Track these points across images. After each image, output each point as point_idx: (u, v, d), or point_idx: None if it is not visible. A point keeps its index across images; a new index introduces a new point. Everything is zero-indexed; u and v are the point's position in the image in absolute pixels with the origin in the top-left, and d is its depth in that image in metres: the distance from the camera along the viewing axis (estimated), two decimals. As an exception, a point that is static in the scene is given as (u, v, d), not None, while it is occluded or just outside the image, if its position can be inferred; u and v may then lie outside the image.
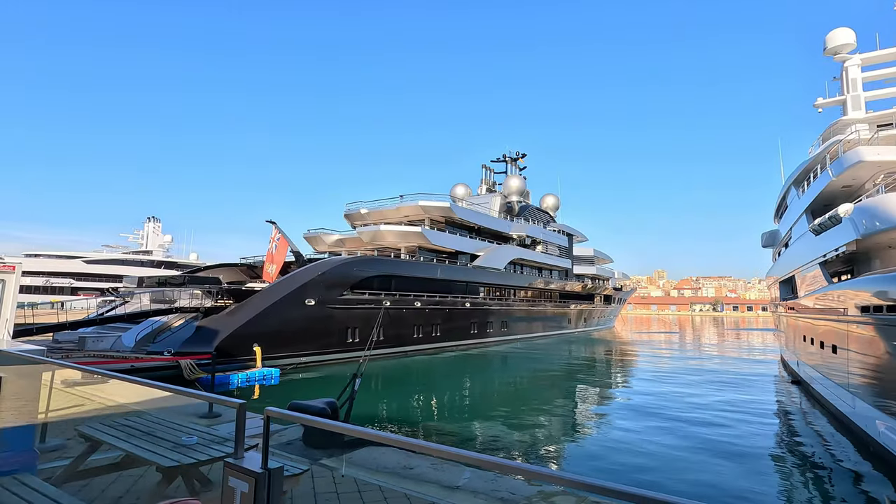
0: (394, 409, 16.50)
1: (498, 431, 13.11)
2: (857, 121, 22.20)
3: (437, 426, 13.79)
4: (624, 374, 25.70)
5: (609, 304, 65.63)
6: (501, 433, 12.95)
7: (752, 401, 18.23)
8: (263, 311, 22.24)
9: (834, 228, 14.41)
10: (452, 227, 38.38)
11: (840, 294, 11.96)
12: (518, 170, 56.35)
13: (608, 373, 26.44)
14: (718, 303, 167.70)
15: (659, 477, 9.62)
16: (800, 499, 8.97)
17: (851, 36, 23.07)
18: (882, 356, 10.15)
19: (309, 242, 39.20)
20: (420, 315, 30.71)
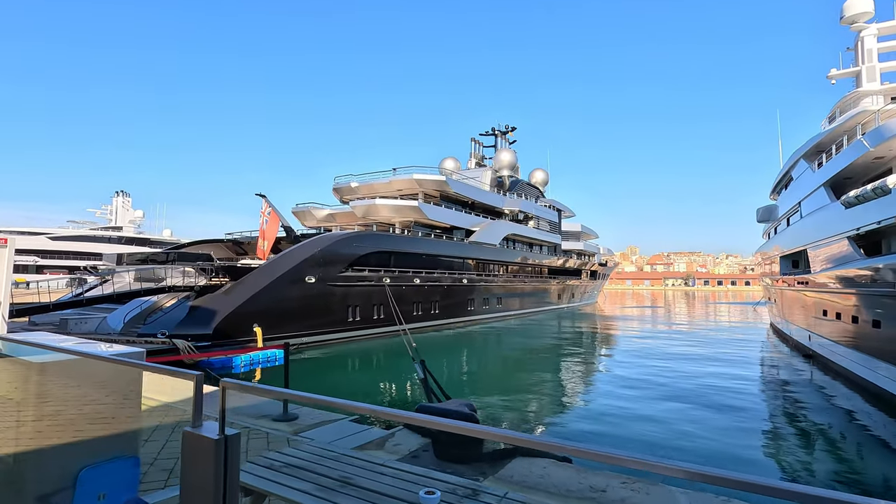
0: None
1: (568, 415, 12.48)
2: (872, 92, 21.91)
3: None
4: (634, 348, 25.43)
5: (594, 279, 66.05)
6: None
7: (772, 376, 18.16)
8: (263, 289, 20.87)
9: (876, 200, 13.96)
10: (447, 202, 37.22)
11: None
12: (508, 143, 55.15)
13: (625, 347, 26.19)
14: (690, 277, 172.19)
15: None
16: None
17: (870, 4, 22.56)
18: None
19: (297, 217, 37.46)
20: (419, 292, 29.75)
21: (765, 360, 22.54)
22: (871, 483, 8.56)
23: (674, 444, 9.93)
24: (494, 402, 13.68)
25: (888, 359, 12.65)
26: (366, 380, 17.53)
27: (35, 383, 2.76)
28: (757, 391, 15.71)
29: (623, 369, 19.03)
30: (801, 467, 9.13)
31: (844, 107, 22.56)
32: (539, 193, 53.88)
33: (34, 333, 5.01)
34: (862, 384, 14.60)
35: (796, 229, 24.12)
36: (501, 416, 12.31)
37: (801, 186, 24.16)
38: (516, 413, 12.76)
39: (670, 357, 21.86)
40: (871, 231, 15.77)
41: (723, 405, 13.20)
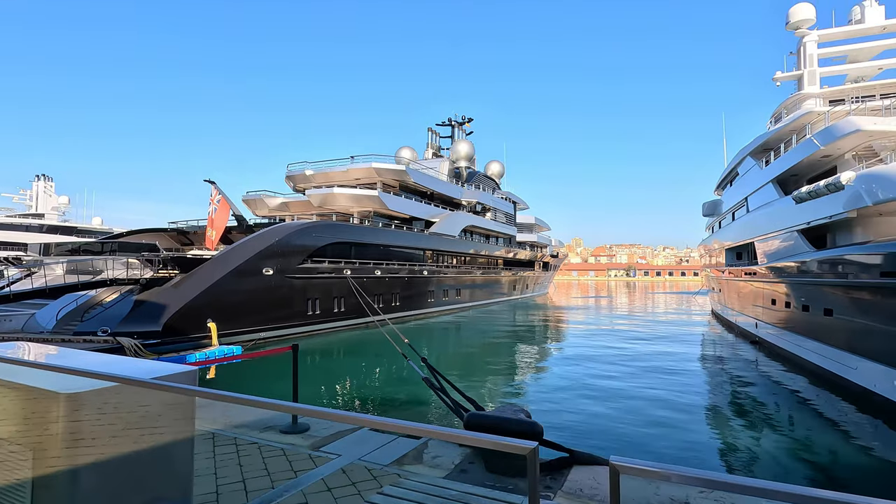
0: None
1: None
2: (813, 95, 23.34)
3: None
4: (590, 336, 26.02)
5: (546, 270, 67.54)
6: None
7: (722, 358, 19.09)
8: (217, 281, 19.49)
9: (828, 196, 14.82)
10: (406, 192, 36.54)
11: (854, 259, 12.21)
12: (465, 134, 54.97)
13: (582, 335, 26.72)
14: (631, 268, 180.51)
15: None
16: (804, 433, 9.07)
17: (812, 11, 23.99)
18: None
19: (248, 206, 35.49)
20: (380, 284, 29.05)
21: (714, 347, 23.69)
22: (816, 452, 9.03)
23: (641, 431, 10.19)
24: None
25: (838, 344, 13.49)
26: (340, 377, 16.76)
27: (64, 421, 2.10)
28: (712, 377, 16.42)
29: (583, 359, 19.39)
30: (755, 443, 9.59)
31: (788, 108, 23.94)
32: (495, 185, 54.17)
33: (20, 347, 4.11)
34: (810, 368, 15.57)
35: (743, 223, 25.47)
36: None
37: (748, 182, 25.51)
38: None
39: (625, 347, 22.58)
40: (817, 225, 16.83)
41: (678, 389, 13.92)
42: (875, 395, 11.68)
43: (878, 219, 14.69)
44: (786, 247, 18.36)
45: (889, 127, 14.19)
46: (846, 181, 13.68)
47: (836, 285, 13.12)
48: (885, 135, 14.54)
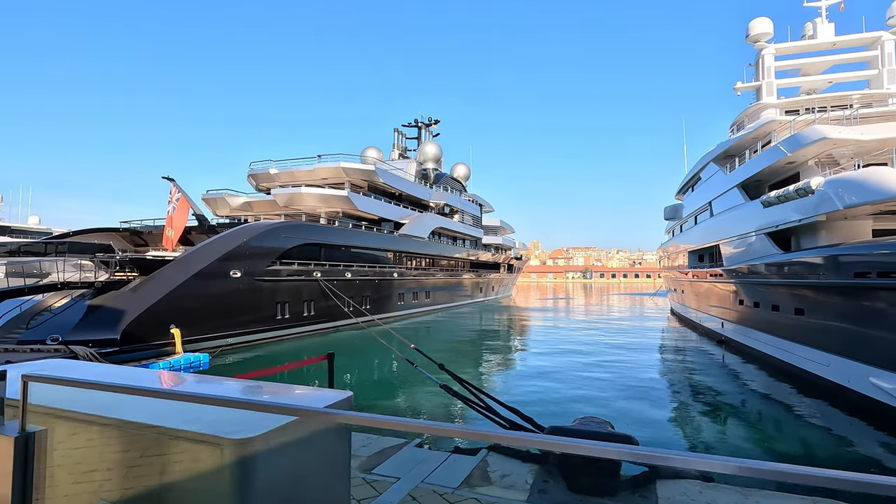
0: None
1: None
2: (771, 105, 24.54)
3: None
4: (559, 336, 26.24)
5: (510, 272, 68.17)
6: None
7: (691, 360, 19.65)
8: (181, 285, 18.27)
9: (797, 200, 15.49)
10: (375, 193, 35.82)
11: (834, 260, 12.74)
12: (431, 136, 54.67)
13: (552, 335, 26.89)
14: (588, 271, 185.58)
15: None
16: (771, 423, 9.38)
17: (770, 25, 25.24)
18: (880, 317, 10.98)
19: (208, 205, 33.74)
20: (350, 287, 28.24)
21: (679, 346, 24.39)
22: (794, 444, 9.31)
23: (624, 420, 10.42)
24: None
25: (810, 342, 14.08)
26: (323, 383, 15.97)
27: (232, 475, 1.57)
28: (683, 374, 16.84)
29: (554, 355, 19.54)
30: (726, 432, 9.84)
31: (749, 117, 25.06)
32: (462, 187, 54.16)
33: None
34: (781, 366, 16.21)
35: (707, 226, 26.44)
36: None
37: (711, 187, 26.51)
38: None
39: (595, 344, 22.99)
40: (784, 228, 17.60)
41: (647, 385, 14.58)
42: (848, 391, 12.21)
43: (843, 222, 15.48)
44: (753, 249, 19.11)
45: (852, 136, 15.00)
46: (816, 186, 14.32)
47: (811, 286, 13.68)
48: (848, 143, 15.37)
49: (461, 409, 10.21)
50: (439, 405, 11.82)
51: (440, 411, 11.31)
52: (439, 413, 11.22)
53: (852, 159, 16.95)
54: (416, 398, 13.08)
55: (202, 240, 25.94)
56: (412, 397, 13.27)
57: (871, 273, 11.17)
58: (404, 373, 15.74)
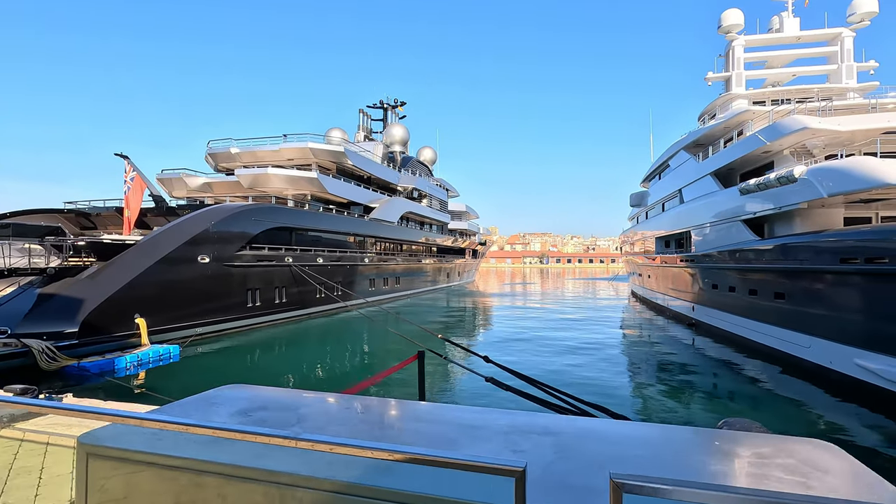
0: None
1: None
2: (741, 96, 25.30)
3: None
4: (532, 319, 26.41)
5: (475, 258, 68.38)
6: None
7: (666, 341, 20.20)
8: (145, 271, 16.84)
9: (777, 188, 15.97)
10: (344, 175, 34.58)
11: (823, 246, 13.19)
12: (397, 118, 53.41)
13: (524, 317, 26.98)
14: (545, 256, 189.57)
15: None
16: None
17: (741, 17, 25.92)
18: (867, 300, 11.47)
19: (163, 186, 31.44)
20: (322, 272, 27.21)
21: (652, 329, 25.09)
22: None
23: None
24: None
25: (793, 326, 14.63)
26: (315, 377, 15.14)
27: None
28: (665, 355, 17.27)
29: (533, 339, 19.62)
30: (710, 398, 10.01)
31: (721, 107, 25.75)
32: (429, 172, 53.43)
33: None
34: (759, 348, 16.83)
35: (677, 213, 27.15)
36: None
37: (682, 175, 27.18)
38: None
39: (569, 327, 23.26)
40: (760, 216, 18.20)
41: (632, 365, 14.78)
42: (831, 372, 12.77)
43: (817, 210, 16.15)
44: (728, 236, 19.71)
45: (830, 126, 15.58)
46: (799, 175, 14.77)
47: (795, 271, 14.16)
48: (824, 133, 15.96)
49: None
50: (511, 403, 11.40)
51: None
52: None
53: (824, 149, 17.66)
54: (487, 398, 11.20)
55: (160, 222, 24.23)
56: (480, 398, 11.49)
57: (858, 258, 11.62)
58: (434, 367, 14.32)
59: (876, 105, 16.88)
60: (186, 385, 13.22)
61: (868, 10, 24.19)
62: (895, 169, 11.85)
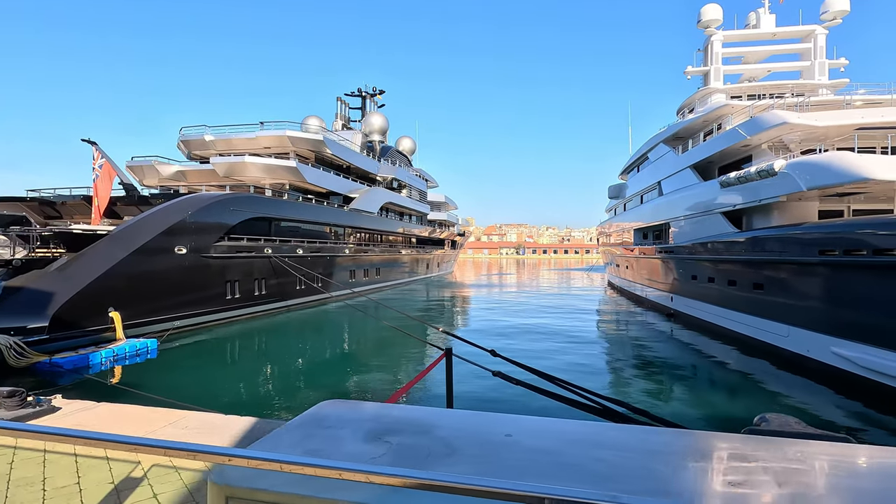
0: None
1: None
2: (719, 90, 25.77)
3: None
4: (520, 306, 26.57)
5: (454, 248, 68.38)
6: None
7: (650, 333, 20.61)
8: (119, 263, 16.14)
9: (757, 182, 16.35)
10: (323, 165, 33.92)
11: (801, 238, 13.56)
12: (376, 106, 52.60)
13: (509, 308, 27.10)
14: (521, 247, 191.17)
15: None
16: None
17: (720, 12, 26.32)
18: (854, 291, 11.86)
19: (133, 174, 30.20)
20: (303, 263, 26.69)
21: (631, 319, 25.56)
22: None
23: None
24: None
25: (771, 316, 15.07)
26: (306, 371, 14.79)
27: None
28: (649, 346, 17.62)
29: (519, 328, 19.78)
30: (698, 397, 10.35)
31: (700, 101, 26.19)
32: (408, 162, 52.95)
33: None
34: (738, 337, 17.28)
35: (656, 205, 27.62)
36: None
37: (661, 168, 27.61)
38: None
39: (552, 316, 23.51)
40: (738, 208, 18.63)
41: (615, 355, 15.08)
42: (809, 360, 13.22)
43: (793, 203, 16.60)
44: (708, 228, 20.13)
45: (808, 122, 15.98)
46: (779, 168, 15.14)
47: (775, 262, 14.55)
48: (802, 128, 16.38)
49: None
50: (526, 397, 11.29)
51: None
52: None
53: (800, 144, 18.14)
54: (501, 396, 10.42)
55: (132, 212, 23.32)
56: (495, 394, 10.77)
57: (837, 250, 12.00)
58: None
59: (850, 102, 17.41)
60: (169, 380, 12.78)
61: (840, 8, 24.88)
62: (873, 164, 12.26)
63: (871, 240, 10.72)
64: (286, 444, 1.72)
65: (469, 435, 1.80)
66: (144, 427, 3.93)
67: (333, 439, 1.75)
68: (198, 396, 10.65)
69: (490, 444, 1.72)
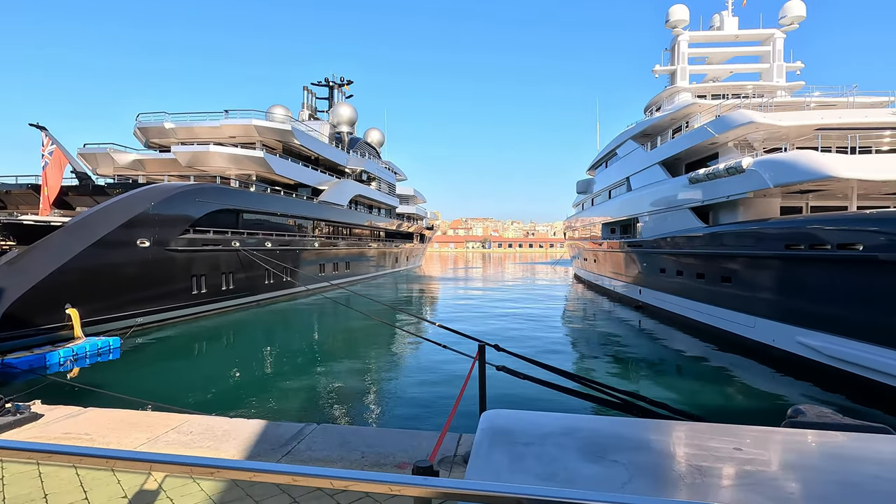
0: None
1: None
2: (685, 89, 26.56)
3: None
4: (493, 298, 26.71)
5: (423, 242, 68.13)
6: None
7: (618, 323, 21.14)
8: (77, 256, 15.17)
9: (726, 178, 16.95)
10: (291, 156, 32.97)
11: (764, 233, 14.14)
12: (344, 97, 51.54)
13: (481, 302, 27.18)
14: (486, 241, 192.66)
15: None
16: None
17: (686, 13, 27.07)
18: (818, 283, 12.48)
19: (86, 162, 28.43)
20: (271, 257, 25.94)
21: (602, 310, 26.14)
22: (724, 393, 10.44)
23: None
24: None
25: (738, 307, 15.70)
26: (280, 369, 14.28)
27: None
28: (623, 338, 18.08)
29: (495, 318, 19.91)
30: (670, 383, 10.72)
31: (667, 99, 26.91)
32: (377, 154, 52.24)
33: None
34: (706, 329, 17.94)
35: (624, 200, 28.28)
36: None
37: (629, 163, 28.25)
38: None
39: (523, 308, 23.81)
40: (706, 204, 19.29)
41: (589, 343, 15.08)
42: (774, 349, 13.84)
43: (757, 199, 17.31)
44: (676, 222, 20.77)
45: (773, 121, 16.65)
46: (747, 166, 15.73)
47: (743, 255, 15.14)
48: (766, 127, 17.06)
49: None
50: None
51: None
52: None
53: (763, 143, 18.92)
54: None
55: (85, 202, 22.05)
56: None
57: (803, 245, 12.58)
58: (435, 357, 13.36)
59: (809, 104, 18.26)
60: (135, 380, 12.11)
61: (797, 13, 26.05)
62: (837, 162, 12.90)
63: (836, 235, 11.29)
64: (500, 468, 1.53)
65: (688, 448, 1.66)
66: (145, 433, 3.63)
67: (553, 460, 1.58)
68: (170, 397, 10.14)
69: (729, 461, 1.57)
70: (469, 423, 8.83)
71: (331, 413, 9.94)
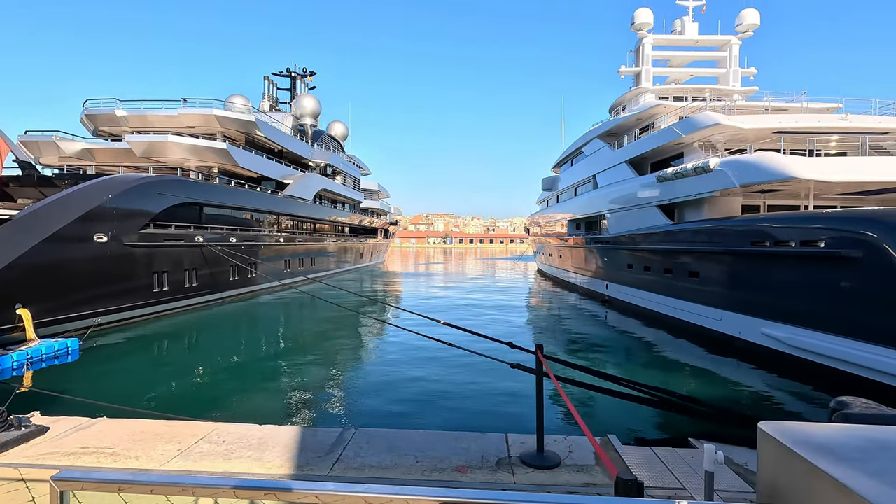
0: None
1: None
2: (649, 90, 27.48)
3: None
4: (461, 294, 26.81)
5: (387, 238, 67.53)
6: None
7: (589, 319, 21.71)
8: (29, 252, 14.06)
9: (693, 177, 17.65)
10: (253, 147, 31.82)
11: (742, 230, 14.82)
12: (307, 88, 50.18)
13: (454, 296, 27.21)
14: (448, 236, 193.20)
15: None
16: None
17: (651, 16, 27.98)
18: (783, 278, 13.21)
19: (28, 150, 26.33)
20: (237, 252, 24.99)
21: (570, 304, 26.75)
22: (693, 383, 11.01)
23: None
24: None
25: (705, 301, 16.42)
26: (253, 371, 13.69)
27: None
28: (595, 330, 18.59)
29: (468, 309, 20.05)
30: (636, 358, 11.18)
31: (633, 100, 27.75)
32: (341, 147, 51.25)
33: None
34: (674, 322, 18.66)
35: (591, 197, 28.99)
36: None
37: (596, 161, 28.96)
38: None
39: (490, 300, 24.09)
40: (673, 202, 20.04)
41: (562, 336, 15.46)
42: (737, 340, 14.58)
43: (726, 198, 18.13)
44: (643, 219, 21.48)
45: (736, 124, 17.48)
46: (714, 166, 16.43)
47: (710, 252, 15.84)
48: (731, 129, 17.89)
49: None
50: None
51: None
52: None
53: (725, 144, 19.83)
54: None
55: (29, 193, 20.51)
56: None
57: (768, 241, 13.30)
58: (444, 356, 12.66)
59: (769, 108, 19.28)
60: (100, 384, 11.36)
61: (752, 21, 27.45)
62: (799, 164, 13.69)
63: (799, 233, 12.00)
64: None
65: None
66: (173, 444, 3.36)
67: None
68: (138, 400, 9.60)
69: None
70: (489, 423, 8.67)
71: (319, 411, 9.68)
